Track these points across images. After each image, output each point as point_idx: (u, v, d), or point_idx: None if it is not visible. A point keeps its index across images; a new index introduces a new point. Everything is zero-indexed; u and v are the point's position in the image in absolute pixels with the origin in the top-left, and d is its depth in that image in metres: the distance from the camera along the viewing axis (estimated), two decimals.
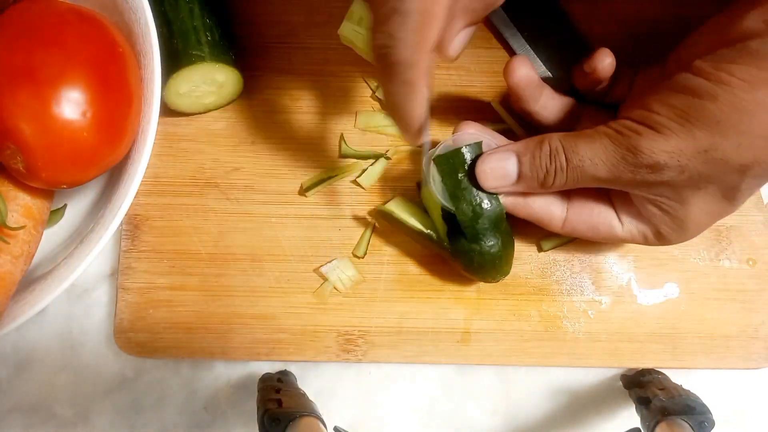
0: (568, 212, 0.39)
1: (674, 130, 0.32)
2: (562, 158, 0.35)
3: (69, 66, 0.36)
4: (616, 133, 0.34)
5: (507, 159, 0.37)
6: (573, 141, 0.35)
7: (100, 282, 0.46)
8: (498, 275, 0.41)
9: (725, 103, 0.31)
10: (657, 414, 0.38)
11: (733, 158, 0.32)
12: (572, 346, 0.44)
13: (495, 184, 0.38)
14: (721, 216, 0.36)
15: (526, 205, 0.39)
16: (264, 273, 0.45)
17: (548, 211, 0.39)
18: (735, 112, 0.31)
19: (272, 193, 0.46)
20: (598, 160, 0.34)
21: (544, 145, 0.36)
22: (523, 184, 0.38)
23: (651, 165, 0.33)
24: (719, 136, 0.32)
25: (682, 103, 0.32)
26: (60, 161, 0.37)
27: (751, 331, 0.44)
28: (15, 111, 0.35)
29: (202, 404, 0.45)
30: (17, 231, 0.39)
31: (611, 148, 0.34)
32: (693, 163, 0.32)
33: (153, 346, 0.44)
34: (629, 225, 0.38)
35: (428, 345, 0.44)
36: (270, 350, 0.44)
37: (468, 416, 0.45)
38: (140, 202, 0.45)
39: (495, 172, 0.38)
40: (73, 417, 0.44)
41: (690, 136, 0.32)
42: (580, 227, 0.39)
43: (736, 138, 0.32)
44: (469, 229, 0.39)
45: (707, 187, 0.34)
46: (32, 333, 0.45)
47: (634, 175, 0.34)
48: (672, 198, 0.35)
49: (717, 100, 0.31)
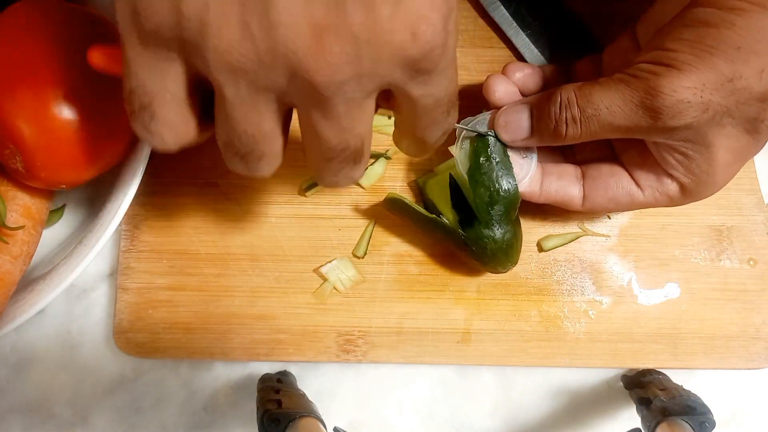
0: (584, 190, 0.39)
1: (694, 63, 0.31)
2: (575, 108, 0.34)
3: (68, 65, 0.35)
4: (632, 77, 0.33)
5: (521, 111, 0.38)
6: (587, 90, 0.34)
7: (99, 282, 0.46)
8: (508, 264, 0.41)
9: (743, 28, 0.30)
10: (658, 414, 0.38)
11: (755, 86, 0.31)
12: (573, 347, 0.44)
13: (510, 137, 0.38)
14: (748, 155, 0.34)
15: (542, 191, 0.39)
16: (264, 273, 0.44)
17: (566, 193, 0.39)
18: (755, 36, 0.30)
19: (272, 193, 0.45)
20: (615, 107, 0.33)
21: (555, 95, 0.36)
22: (536, 136, 0.37)
23: (672, 105, 0.31)
24: (740, 63, 0.30)
25: (698, 36, 0.31)
26: (59, 161, 0.37)
27: (752, 332, 0.44)
28: (14, 111, 0.35)
29: (201, 405, 0.45)
30: (16, 231, 0.39)
31: (628, 93, 0.32)
32: (716, 97, 0.31)
33: (152, 346, 0.43)
34: (650, 189, 0.37)
35: (428, 345, 0.44)
36: (270, 351, 0.44)
37: (468, 417, 0.45)
38: (139, 201, 0.45)
39: (510, 124, 0.38)
40: (72, 417, 0.44)
41: (711, 66, 0.31)
42: (599, 201, 0.39)
43: (758, 63, 0.31)
44: (484, 214, 0.39)
45: (730, 122, 0.32)
46: (31, 333, 0.45)
47: (654, 120, 0.32)
48: (696, 140, 0.33)
49: (734, 25, 0.30)
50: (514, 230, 0.40)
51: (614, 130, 0.34)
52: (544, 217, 0.45)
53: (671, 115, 0.32)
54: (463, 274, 0.45)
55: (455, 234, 0.41)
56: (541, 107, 0.37)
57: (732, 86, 0.31)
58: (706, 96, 0.31)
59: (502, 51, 0.48)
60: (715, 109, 0.31)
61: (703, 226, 0.46)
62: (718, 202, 0.46)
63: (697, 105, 0.31)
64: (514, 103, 0.39)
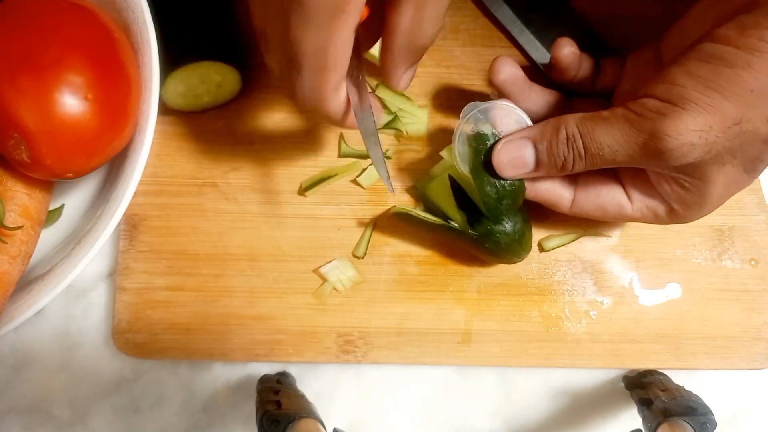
0: (576, 193, 0.39)
1: (702, 104, 0.30)
2: (579, 145, 0.35)
3: (67, 51, 0.36)
4: (637, 116, 0.32)
5: (524, 148, 0.37)
6: (590, 126, 0.34)
7: (98, 282, 0.45)
8: (523, 252, 0.42)
9: (760, 71, 0.30)
10: (659, 415, 0.38)
11: (762, 129, 0.31)
12: (574, 347, 0.44)
13: (513, 174, 0.38)
14: (740, 189, 0.35)
15: (533, 188, 0.39)
16: (263, 273, 0.44)
17: (556, 194, 0.39)
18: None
19: (271, 193, 0.45)
20: (618, 147, 0.33)
21: (560, 132, 0.35)
22: (542, 170, 0.37)
23: (677, 148, 0.31)
24: (750, 107, 0.30)
25: (712, 73, 0.31)
26: (64, 147, 0.36)
27: (754, 332, 0.44)
28: (16, 99, 0.35)
29: (200, 406, 0.45)
30: (15, 231, 0.39)
31: (633, 135, 0.32)
32: (721, 139, 0.31)
33: (151, 347, 0.43)
34: (639, 203, 0.38)
35: (429, 346, 0.44)
36: (269, 351, 0.43)
37: (469, 418, 0.45)
38: (138, 201, 0.45)
39: (513, 162, 0.38)
40: (70, 418, 0.44)
41: (719, 109, 0.30)
42: (587, 207, 0.39)
43: (766, 108, 0.30)
44: (494, 210, 0.39)
45: (731, 161, 0.32)
46: (30, 334, 0.45)
47: (657, 161, 0.32)
48: (695, 176, 0.33)
49: (751, 67, 0.30)
50: (522, 218, 0.40)
51: (616, 164, 0.35)
52: (545, 217, 0.45)
53: (675, 157, 0.32)
54: (463, 275, 0.45)
55: (467, 235, 0.41)
56: (547, 144, 0.36)
57: (738, 129, 0.31)
58: (711, 138, 0.31)
59: (503, 50, 0.48)
60: (718, 150, 0.31)
61: (704, 226, 0.46)
62: None
63: (701, 146, 0.31)
64: (512, 139, 0.38)
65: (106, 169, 0.46)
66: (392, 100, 0.46)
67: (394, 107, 0.46)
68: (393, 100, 0.46)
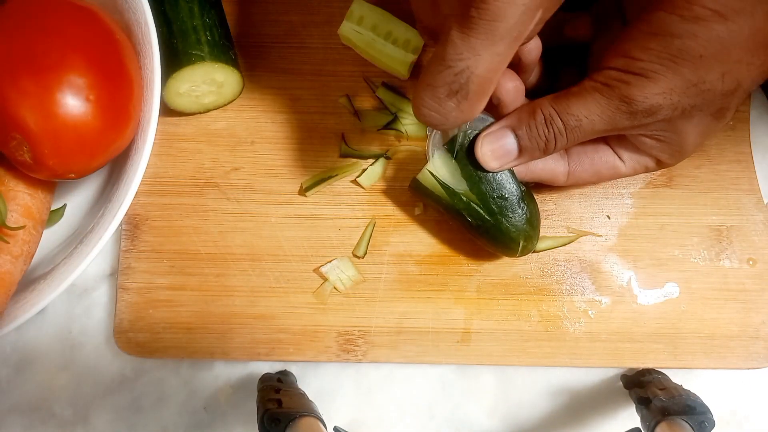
0: (569, 165, 0.40)
1: (661, 72, 0.33)
2: (558, 123, 0.36)
3: (69, 52, 0.36)
4: (605, 86, 0.34)
5: (504, 137, 0.38)
6: (564, 102, 0.36)
7: (99, 282, 0.46)
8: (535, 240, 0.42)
9: (705, 39, 0.32)
10: (657, 414, 0.38)
11: (718, 87, 0.33)
12: (572, 346, 0.44)
13: (498, 164, 0.38)
14: (715, 132, 0.38)
15: (528, 170, 0.40)
16: (264, 273, 0.44)
17: (551, 170, 0.40)
18: (715, 46, 0.32)
19: (272, 193, 0.46)
20: (594, 116, 0.35)
21: (537, 114, 0.36)
22: (526, 155, 0.38)
23: (646, 109, 0.34)
24: (704, 70, 0.33)
25: (663, 46, 0.33)
26: (67, 148, 0.37)
27: (752, 331, 0.44)
28: (19, 100, 0.35)
29: (201, 404, 0.45)
30: (17, 231, 0.39)
31: (604, 102, 0.34)
32: (684, 98, 0.34)
33: (153, 346, 0.44)
34: (630, 161, 0.39)
35: (428, 345, 0.44)
36: (270, 350, 0.44)
37: (468, 416, 0.45)
38: (140, 201, 0.45)
39: (495, 152, 0.38)
40: (72, 417, 0.44)
41: (677, 74, 0.33)
42: (583, 176, 0.40)
43: (719, 68, 0.33)
44: (500, 200, 0.39)
45: (698, 113, 0.35)
46: (32, 333, 0.45)
47: (631, 121, 0.35)
48: (668, 129, 0.36)
49: (696, 36, 0.32)
50: (528, 206, 0.40)
51: (595, 133, 0.36)
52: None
53: (645, 115, 0.34)
54: (462, 274, 0.45)
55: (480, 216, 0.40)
56: (526, 128, 0.37)
57: (697, 89, 0.33)
58: (675, 98, 0.33)
59: None
60: (684, 106, 0.34)
61: (702, 226, 0.46)
62: (718, 202, 0.46)
63: (668, 106, 0.34)
64: (490, 130, 0.38)
65: (108, 169, 0.46)
66: (393, 102, 0.46)
67: (395, 108, 0.46)
68: (393, 102, 0.46)
